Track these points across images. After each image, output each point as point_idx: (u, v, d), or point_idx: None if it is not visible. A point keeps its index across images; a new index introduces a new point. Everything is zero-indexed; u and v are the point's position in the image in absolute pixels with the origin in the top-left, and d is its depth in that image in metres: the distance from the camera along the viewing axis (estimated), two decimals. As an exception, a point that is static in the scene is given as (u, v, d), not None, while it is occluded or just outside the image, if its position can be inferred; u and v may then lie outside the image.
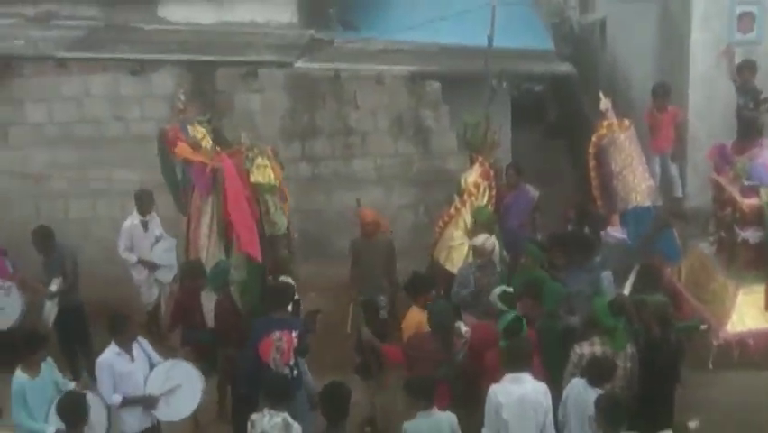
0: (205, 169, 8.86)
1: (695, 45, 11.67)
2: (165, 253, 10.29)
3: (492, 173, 10.00)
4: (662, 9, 12.76)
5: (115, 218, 11.49)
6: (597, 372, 7.08)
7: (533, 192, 11.19)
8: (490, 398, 6.99)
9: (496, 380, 7.10)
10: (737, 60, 11.23)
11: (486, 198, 9.87)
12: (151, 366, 7.84)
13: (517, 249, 9.48)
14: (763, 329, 7.98)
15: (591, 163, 8.86)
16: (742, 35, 11.56)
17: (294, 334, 7.89)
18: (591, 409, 6.79)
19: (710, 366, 8.08)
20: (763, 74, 11.30)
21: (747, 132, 10.93)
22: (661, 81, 11.88)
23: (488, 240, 9.23)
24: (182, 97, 9.57)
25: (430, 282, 8.70)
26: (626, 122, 8.86)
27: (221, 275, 8.72)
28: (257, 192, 8.92)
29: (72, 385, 7.73)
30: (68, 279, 9.49)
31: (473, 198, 9.78)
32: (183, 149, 9.13)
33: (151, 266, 10.21)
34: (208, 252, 9.09)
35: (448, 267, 9.70)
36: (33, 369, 7.37)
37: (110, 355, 7.60)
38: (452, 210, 9.82)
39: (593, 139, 8.85)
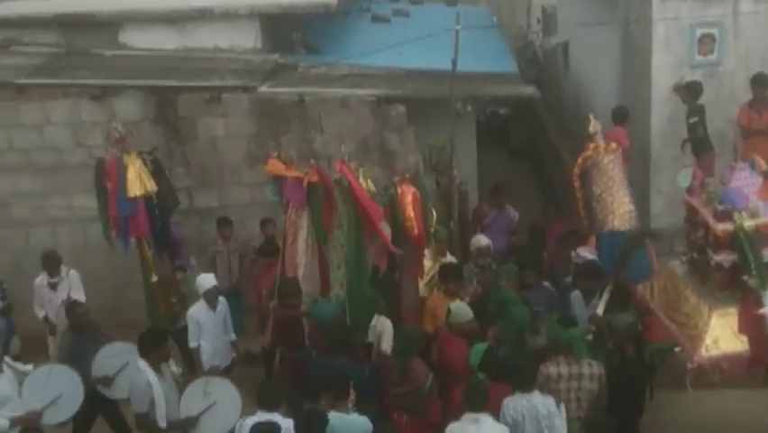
0: (302, 183, 8.64)
1: (656, 68, 11.78)
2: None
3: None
4: (624, 32, 12.88)
5: (77, 246, 11.37)
6: None
7: (513, 213, 11.45)
8: None
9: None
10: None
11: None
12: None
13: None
14: (737, 353, 7.93)
15: (576, 184, 8.83)
16: (702, 57, 11.70)
17: (350, 383, 7.48)
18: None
19: (689, 389, 8.04)
20: (726, 94, 11.46)
21: (700, 149, 11.19)
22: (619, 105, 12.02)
23: (483, 238, 9.82)
24: (119, 127, 9.33)
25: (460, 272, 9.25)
26: (613, 145, 8.83)
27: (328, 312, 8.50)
28: None
29: None
30: None
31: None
32: (275, 165, 8.93)
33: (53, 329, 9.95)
34: (306, 268, 8.89)
35: None
36: None
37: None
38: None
39: (579, 160, 8.81)
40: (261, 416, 6.98)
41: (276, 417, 6.95)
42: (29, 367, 8.11)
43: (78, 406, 7.98)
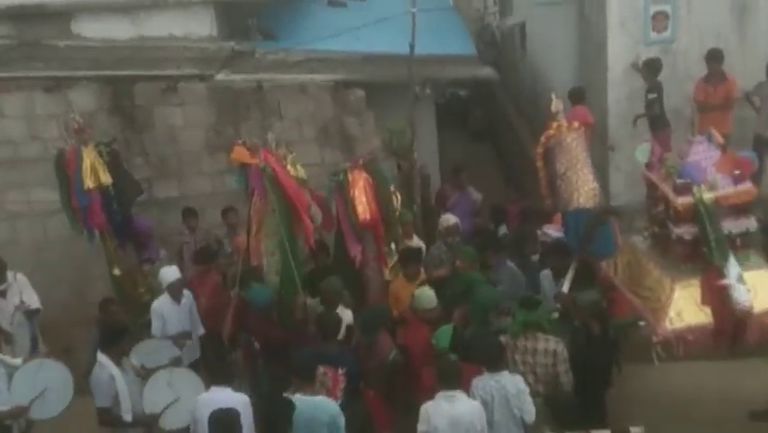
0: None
1: (612, 47, 11.88)
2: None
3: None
4: (579, 13, 12.96)
5: (37, 241, 11.21)
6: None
7: (475, 195, 11.52)
8: (422, 417, 6.93)
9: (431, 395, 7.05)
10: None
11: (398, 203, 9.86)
12: None
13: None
14: (701, 324, 8.02)
15: (539, 163, 8.87)
16: (657, 35, 11.81)
17: (341, 371, 7.52)
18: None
19: (655, 362, 8.14)
20: (681, 70, 11.60)
21: (657, 125, 11.40)
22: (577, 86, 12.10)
23: (452, 217, 9.88)
24: (77, 117, 9.24)
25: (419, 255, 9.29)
26: (576, 124, 8.88)
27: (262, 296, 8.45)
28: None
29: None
30: None
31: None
32: (240, 153, 8.71)
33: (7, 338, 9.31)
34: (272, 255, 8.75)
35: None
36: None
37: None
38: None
39: (541, 139, 8.85)
40: (215, 391, 7.04)
41: (227, 391, 7.00)
42: (18, 361, 8.01)
43: (68, 402, 7.81)
